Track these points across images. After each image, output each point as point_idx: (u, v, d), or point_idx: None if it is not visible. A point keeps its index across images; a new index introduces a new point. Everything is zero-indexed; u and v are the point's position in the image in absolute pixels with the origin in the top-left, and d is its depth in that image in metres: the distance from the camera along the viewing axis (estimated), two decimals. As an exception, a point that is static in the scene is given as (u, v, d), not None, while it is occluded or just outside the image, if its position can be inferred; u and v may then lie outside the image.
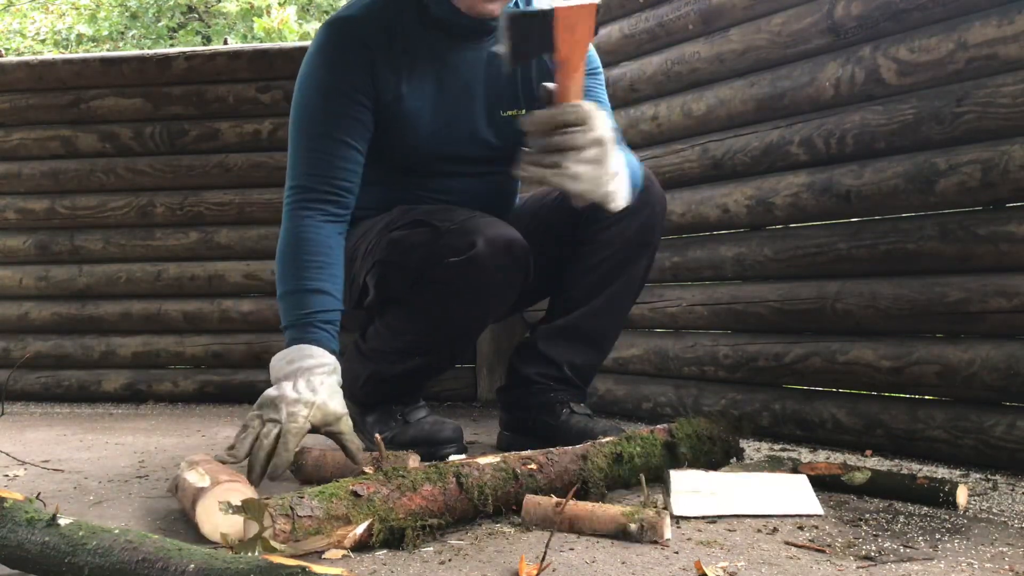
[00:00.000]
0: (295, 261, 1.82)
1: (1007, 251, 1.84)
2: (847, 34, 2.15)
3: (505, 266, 1.86)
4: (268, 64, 3.57)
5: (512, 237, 1.87)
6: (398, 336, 2.00)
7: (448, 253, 1.83)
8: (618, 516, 1.34)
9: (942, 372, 1.94)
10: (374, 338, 2.04)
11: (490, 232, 1.84)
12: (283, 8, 9.59)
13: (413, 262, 1.86)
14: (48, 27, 10.77)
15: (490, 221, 1.87)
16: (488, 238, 1.83)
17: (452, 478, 1.38)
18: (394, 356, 2.01)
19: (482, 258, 1.82)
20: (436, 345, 2.00)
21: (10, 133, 3.68)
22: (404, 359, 2.01)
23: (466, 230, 1.83)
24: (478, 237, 1.82)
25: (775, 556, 1.25)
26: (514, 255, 1.87)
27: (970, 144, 1.90)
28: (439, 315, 1.92)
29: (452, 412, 3.09)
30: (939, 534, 1.37)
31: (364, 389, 2.07)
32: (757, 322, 2.39)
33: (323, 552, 1.23)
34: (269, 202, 3.57)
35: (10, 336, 3.68)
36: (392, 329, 2.00)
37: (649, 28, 2.73)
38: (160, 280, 3.62)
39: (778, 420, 2.30)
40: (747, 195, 2.42)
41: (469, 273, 1.83)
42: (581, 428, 2.01)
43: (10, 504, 1.15)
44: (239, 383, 3.53)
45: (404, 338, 1.99)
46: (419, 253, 1.85)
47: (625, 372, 2.81)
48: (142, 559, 1.00)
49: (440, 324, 1.95)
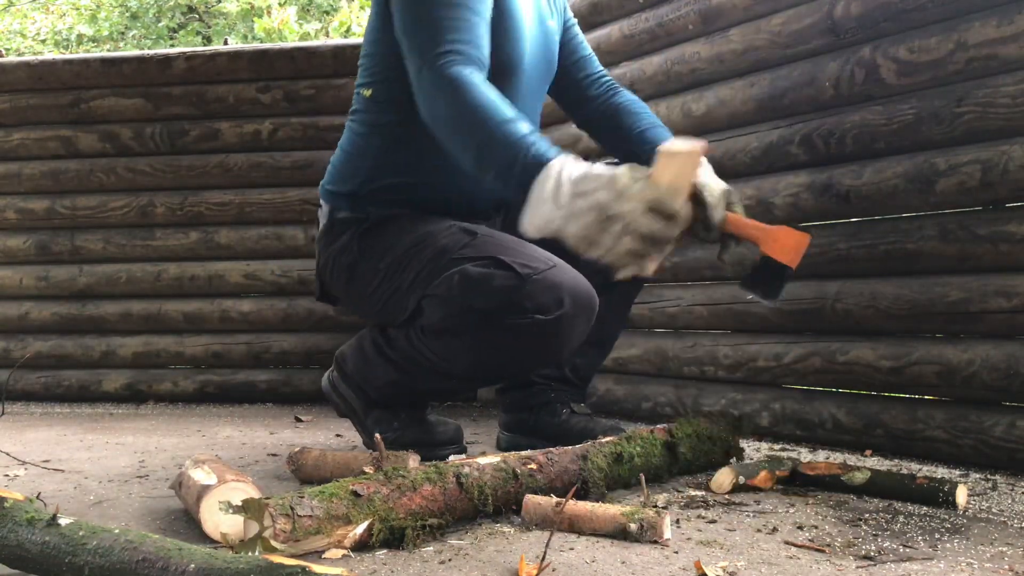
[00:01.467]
0: (486, 107, 1.61)
1: (1007, 251, 1.84)
2: (847, 34, 2.15)
3: (583, 325, 1.79)
4: (268, 64, 3.57)
5: (592, 292, 1.79)
6: (443, 361, 1.86)
7: (534, 309, 1.72)
8: (618, 516, 1.34)
9: (942, 372, 1.94)
10: (407, 349, 1.91)
11: (575, 288, 1.75)
12: (283, 8, 9.59)
13: (492, 306, 1.74)
14: (48, 27, 10.77)
15: (573, 273, 1.78)
16: (574, 296, 1.74)
17: (452, 478, 1.38)
18: (429, 375, 1.91)
19: (569, 320, 1.74)
20: (482, 380, 1.96)
21: (10, 133, 3.69)
22: (439, 380, 1.92)
23: (551, 283, 1.73)
24: (565, 295, 1.73)
25: (775, 556, 1.25)
26: (593, 309, 1.79)
27: (970, 144, 1.90)
28: (502, 360, 1.84)
29: (452, 412, 3.09)
30: (939, 534, 1.37)
31: (382, 392, 2.00)
32: (757, 322, 2.39)
33: (323, 552, 1.23)
34: (269, 202, 3.58)
35: (10, 336, 3.68)
36: (438, 355, 1.86)
37: (649, 28, 2.73)
38: (160, 280, 3.62)
39: (778, 420, 2.30)
40: (747, 195, 2.41)
41: (553, 333, 1.75)
42: (581, 428, 2.01)
43: (10, 504, 1.15)
44: (239, 383, 3.53)
45: (448, 365, 1.87)
46: (499, 300, 1.73)
47: (625, 372, 2.81)
48: (142, 559, 1.00)
49: (501, 364, 1.87)
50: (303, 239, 3.55)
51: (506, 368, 1.91)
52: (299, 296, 3.54)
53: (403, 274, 1.88)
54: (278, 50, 3.63)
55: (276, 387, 3.52)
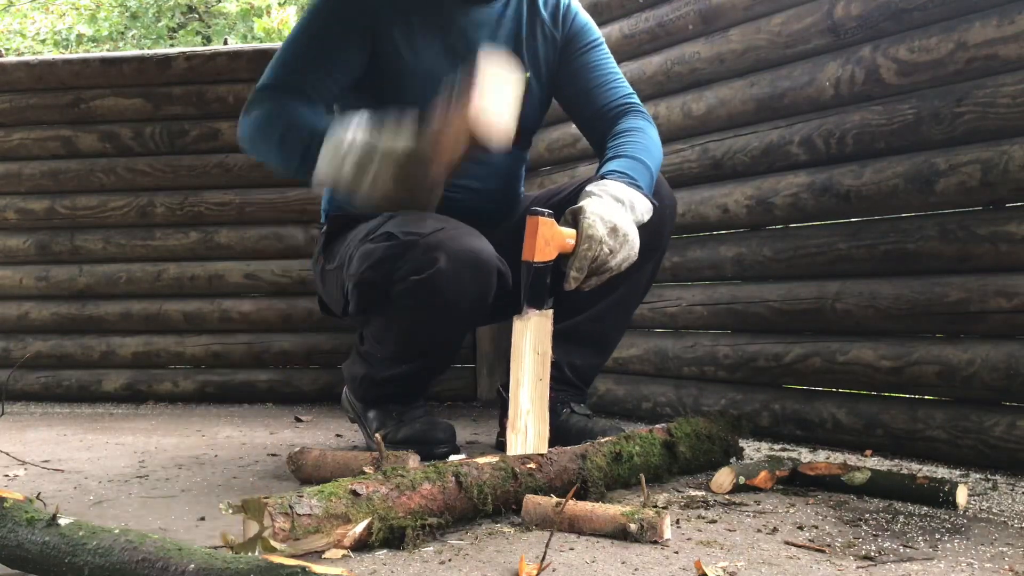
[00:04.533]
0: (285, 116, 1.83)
1: (1007, 251, 1.84)
2: (847, 34, 2.15)
3: (468, 282, 1.82)
4: (268, 64, 3.57)
5: (477, 249, 1.82)
6: (382, 344, 2.01)
7: (409, 271, 1.80)
8: (618, 516, 1.34)
9: (942, 372, 1.94)
10: (366, 342, 2.06)
11: (454, 246, 1.79)
12: (283, 8, 9.60)
13: (379, 277, 1.84)
14: (48, 27, 10.76)
15: (458, 233, 1.82)
16: (451, 254, 1.78)
17: (451, 477, 1.38)
18: (382, 362, 2.03)
19: (444, 276, 1.78)
20: (416, 354, 2.00)
21: (10, 133, 3.68)
22: (391, 365, 2.02)
23: (430, 245, 1.79)
24: (440, 253, 1.78)
25: (775, 556, 1.25)
26: (479, 269, 1.82)
27: (970, 144, 1.90)
28: (412, 328, 1.91)
29: (452, 412, 3.09)
30: (939, 534, 1.37)
31: (360, 388, 2.10)
32: (757, 322, 2.39)
33: (323, 552, 1.23)
34: (269, 202, 3.57)
35: (10, 336, 3.68)
36: (375, 338, 2.02)
37: (649, 28, 2.73)
38: (160, 280, 3.62)
39: (778, 420, 2.30)
40: (747, 195, 2.42)
41: (431, 291, 1.80)
42: (581, 427, 2.01)
43: (10, 504, 1.15)
44: (239, 383, 3.53)
45: (387, 347, 2.00)
46: (384, 269, 1.83)
47: (625, 372, 2.81)
48: (142, 559, 1.00)
49: (414, 336, 1.94)
50: (303, 239, 3.55)
51: (429, 337, 1.95)
52: (299, 296, 3.54)
53: (342, 269, 1.98)
54: (278, 50, 3.63)
55: (276, 387, 3.52)
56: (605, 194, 1.76)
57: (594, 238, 1.68)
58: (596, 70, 2.09)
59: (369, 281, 1.86)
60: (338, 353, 3.45)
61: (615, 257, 1.72)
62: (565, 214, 1.76)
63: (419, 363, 2.02)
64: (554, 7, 2.10)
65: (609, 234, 1.70)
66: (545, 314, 1.66)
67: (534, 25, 2.07)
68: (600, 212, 1.70)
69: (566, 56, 2.10)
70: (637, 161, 1.90)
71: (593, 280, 1.74)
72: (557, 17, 2.10)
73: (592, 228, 1.68)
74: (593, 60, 2.10)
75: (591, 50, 2.11)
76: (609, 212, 1.72)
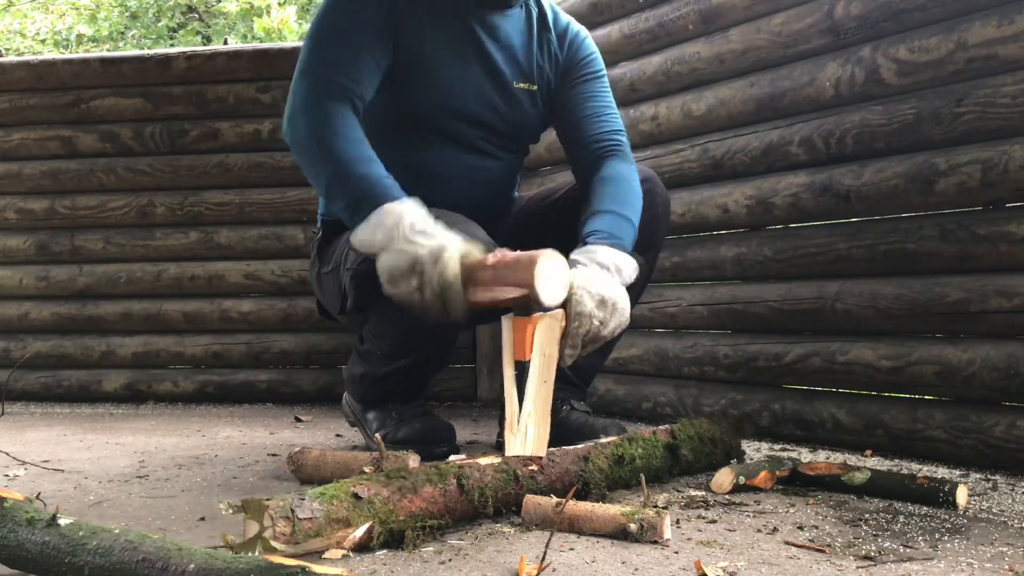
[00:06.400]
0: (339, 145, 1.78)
1: (1007, 251, 1.84)
2: (847, 34, 2.15)
3: None
4: (268, 64, 3.57)
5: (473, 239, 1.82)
6: (380, 340, 2.05)
7: None
8: (618, 516, 1.34)
9: (942, 372, 1.94)
10: (365, 340, 2.10)
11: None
12: (283, 8, 9.60)
13: (372, 267, 1.82)
14: (48, 27, 10.77)
15: (453, 222, 1.81)
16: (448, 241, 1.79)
17: (453, 480, 1.37)
18: (380, 358, 2.06)
19: None
20: (414, 348, 2.02)
21: (10, 133, 3.68)
22: (389, 361, 2.05)
23: None
24: None
25: (775, 556, 1.25)
26: None
27: (970, 144, 1.90)
28: (407, 322, 1.89)
29: (452, 412, 3.09)
30: (939, 534, 1.37)
31: (360, 388, 2.12)
32: (757, 322, 2.39)
33: (323, 552, 1.23)
34: (269, 202, 3.57)
35: (10, 336, 3.68)
36: (374, 333, 2.06)
37: (649, 28, 2.73)
38: (160, 280, 3.61)
39: (778, 420, 2.30)
40: (747, 195, 2.42)
41: None
42: (580, 424, 2.02)
43: (10, 504, 1.15)
44: (239, 383, 3.53)
45: (384, 342, 2.04)
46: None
47: (625, 372, 2.81)
48: (142, 559, 1.00)
49: (410, 330, 1.94)
50: (303, 239, 3.55)
51: (427, 329, 1.91)
52: (299, 296, 3.54)
53: (337, 270, 2.02)
54: (278, 50, 3.63)
55: (276, 387, 3.52)
56: (591, 263, 1.76)
57: (583, 314, 1.68)
58: (591, 100, 2.09)
59: (366, 272, 1.85)
60: (338, 353, 3.45)
61: (607, 327, 1.71)
62: None
63: (414, 358, 2.04)
64: (564, 29, 2.12)
65: (598, 306, 1.69)
66: (554, 315, 1.65)
67: (543, 40, 2.10)
68: (587, 286, 1.69)
69: (566, 81, 2.10)
70: (620, 217, 1.90)
71: (589, 348, 1.74)
72: (564, 40, 2.11)
73: (580, 304, 1.67)
74: (590, 91, 2.10)
75: (591, 80, 2.11)
76: (595, 283, 1.71)
